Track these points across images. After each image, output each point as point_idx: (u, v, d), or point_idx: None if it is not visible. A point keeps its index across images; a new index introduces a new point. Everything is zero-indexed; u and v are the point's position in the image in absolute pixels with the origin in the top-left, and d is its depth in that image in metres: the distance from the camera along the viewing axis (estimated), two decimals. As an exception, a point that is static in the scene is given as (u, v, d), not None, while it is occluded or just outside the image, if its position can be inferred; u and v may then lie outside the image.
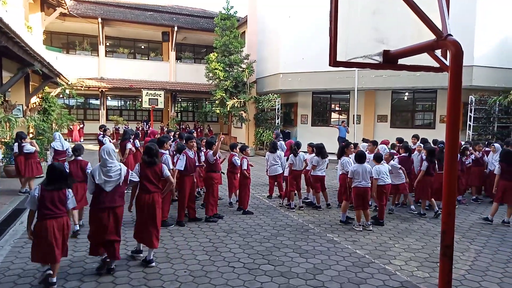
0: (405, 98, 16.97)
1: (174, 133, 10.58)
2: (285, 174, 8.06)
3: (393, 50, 2.71)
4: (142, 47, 27.46)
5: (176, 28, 24.02)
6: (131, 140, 9.37)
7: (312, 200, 8.07)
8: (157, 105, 20.25)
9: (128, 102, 28.41)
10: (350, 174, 6.52)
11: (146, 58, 26.52)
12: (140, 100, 21.92)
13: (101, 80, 22.67)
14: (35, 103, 13.98)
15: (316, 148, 7.74)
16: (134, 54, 26.66)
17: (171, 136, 9.19)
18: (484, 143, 9.91)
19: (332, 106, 18.45)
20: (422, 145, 8.63)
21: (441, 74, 2.81)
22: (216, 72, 18.17)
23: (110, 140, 10.48)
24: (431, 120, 16.18)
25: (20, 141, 8.19)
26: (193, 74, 24.66)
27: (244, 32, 21.47)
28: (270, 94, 17.66)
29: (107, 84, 22.36)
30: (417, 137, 9.23)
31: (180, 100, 28.48)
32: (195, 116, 28.77)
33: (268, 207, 7.97)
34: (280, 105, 17.48)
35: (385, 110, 16.81)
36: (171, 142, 8.05)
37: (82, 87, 19.91)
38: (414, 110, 16.81)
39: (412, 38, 2.64)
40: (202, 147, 7.57)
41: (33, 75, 13.06)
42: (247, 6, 20.58)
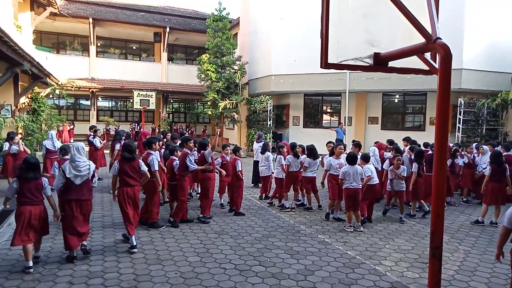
0: (396, 101, 17.15)
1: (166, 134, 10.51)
2: (276, 175, 8.09)
3: (384, 53, 2.73)
4: (134, 47, 27.30)
5: (168, 29, 23.92)
6: (122, 141, 9.32)
7: (303, 201, 8.10)
8: (149, 106, 20.11)
9: (119, 103, 28.20)
10: (341, 176, 6.56)
11: (138, 59, 26.37)
12: (131, 101, 21.74)
13: (92, 80, 22.46)
14: (24, 103, 13.78)
15: (307, 149, 7.78)
16: (125, 55, 26.48)
17: (161, 136, 9.17)
18: (476, 145, 10.02)
19: (324, 108, 18.54)
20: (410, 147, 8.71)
21: (430, 77, 2.85)
22: (208, 74, 18.14)
23: (100, 141, 10.40)
24: (421, 122, 16.36)
25: (9, 141, 8.07)
26: (185, 75, 24.57)
27: (236, 33, 21.48)
28: (262, 95, 17.69)
29: (98, 84, 22.15)
30: (407, 140, 9.31)
31: (172, 101, 28.36)
32: (186, 117, 28.67)
33: (260, 208, 7.98)
34: (272, 107, 17.51)
35: (376, 112, 16.96)
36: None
37: (72, 87, 19.67)
38: (405, 112, 16.99)
39: (402, 41, 2.66)
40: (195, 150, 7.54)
41: (22, 75, 12.88)
42: (239, 8, 20.60)
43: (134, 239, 5.28)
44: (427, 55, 2.76)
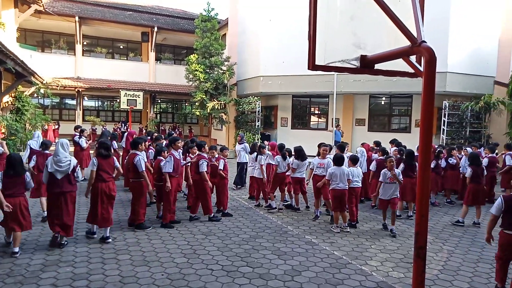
0: (382, 103, 17.36)
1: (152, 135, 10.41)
2: (255, 174, 8.07)
3: (370, 55, 2.77)
4: (121, 47, 26.98)
5: (156, 28, 23.71)
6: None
7: (291, 202, 8.12)
8: (136, 106, 19.89)
9: (105, 103, 27.81)
10: (328, 176, 6.60)
11: (125, 58, 26.06)
12: (118, 100, 21.47)
13: (78, 79, 22.10)
14: (7, 102, 13.49)
15: (295, 151, 7.80)
16: (112, 54, 26.14)
17: (147, 137, 9.10)
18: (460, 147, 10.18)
19: (312, 109, 18.65)
20: (397, 149, 8.82)
21: (416, 80, 2.90)
22: (196, 74, 18.06)
23: (86, 142, 10.26)
24: (407, 124, 16.60)
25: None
26: (173, 75, 24.39)
27: (225, 34, 21.45)
28: (250, 96, 17.70)
29: (84, 84, 21.81)
30: (394, 142, 9.42)
31: (159, 101, 28.11)
32: (174, 117, 28.47)
33: (247, 209, 7.97)
34: (260, 108, 17.53)
35: (363, 114, 17.14)
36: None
37: (57, 86, 19.31)
38: (391, 114, 17.22)
39: (388, 43, 2.70)
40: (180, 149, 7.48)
41: (6, 73, 12.61)
42: (228, 8, 20.58)
43: (107, 231, 5.67)
44: (413, 58, 2.81)
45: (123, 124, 23.47)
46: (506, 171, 9.14)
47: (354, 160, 7.02)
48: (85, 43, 24.50)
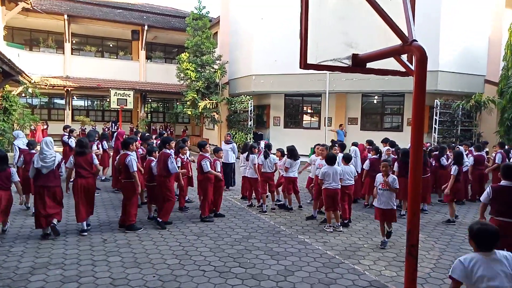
0: (375, 102, 17.44)
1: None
2: (247, 174, 8.02)
3: (362, 54, 2.76)
4: (111, 45, 26.68)
5: (146, 26, 23.49)
6: (95, 141, 9.21)
7: (285, 202, 8.09)
8: (126, 105, 19.67)
9: (95, 102, 27.49)
10: (321, 176, 6.59)
11: (115, 57, 25.74)
12: (108, 100, 21.24)
13: (67, 79, 21.83)
14: (-6, 102, 13.25)
15: (287, 150, 7.78)
16: (102, 53, 25.84)
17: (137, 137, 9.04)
18: (452, 146, 10.25)
19: (304, 108, 18.65)
20: (390, 148, 8.85)
21: (408, 78, 2.90)
22: (187, 73, 17.93)
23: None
24: (399, 123, 16.70)
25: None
26: (163, 74, 24.20)
27: (217, 32, 21.34)
28: (242, 95, 17.63)
29: (73, 83, 21.54)
30: (386, 141, 9.42)
31: (150, 100, 27.88)
32: (165, 117, 28.28)
33: (240, 209, 7.94)
34: (252, 107, 17.48)
35: (355, 113, 17.19)
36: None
37: (46, 85, 19.06)
38: (383, 113, 17.30)
39: (380, 43, 2.70)
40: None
41: (-7, 73, 12.37)
42: (220, 7, 20.47)
43: (85, 224, 5.99)
44: (404, 57, 2.80)
45: (113, 124, 23.23)
46: (494, 169, 9.25)
47: (347, 158, 7.04)
48: (74, 41, 24.20)
